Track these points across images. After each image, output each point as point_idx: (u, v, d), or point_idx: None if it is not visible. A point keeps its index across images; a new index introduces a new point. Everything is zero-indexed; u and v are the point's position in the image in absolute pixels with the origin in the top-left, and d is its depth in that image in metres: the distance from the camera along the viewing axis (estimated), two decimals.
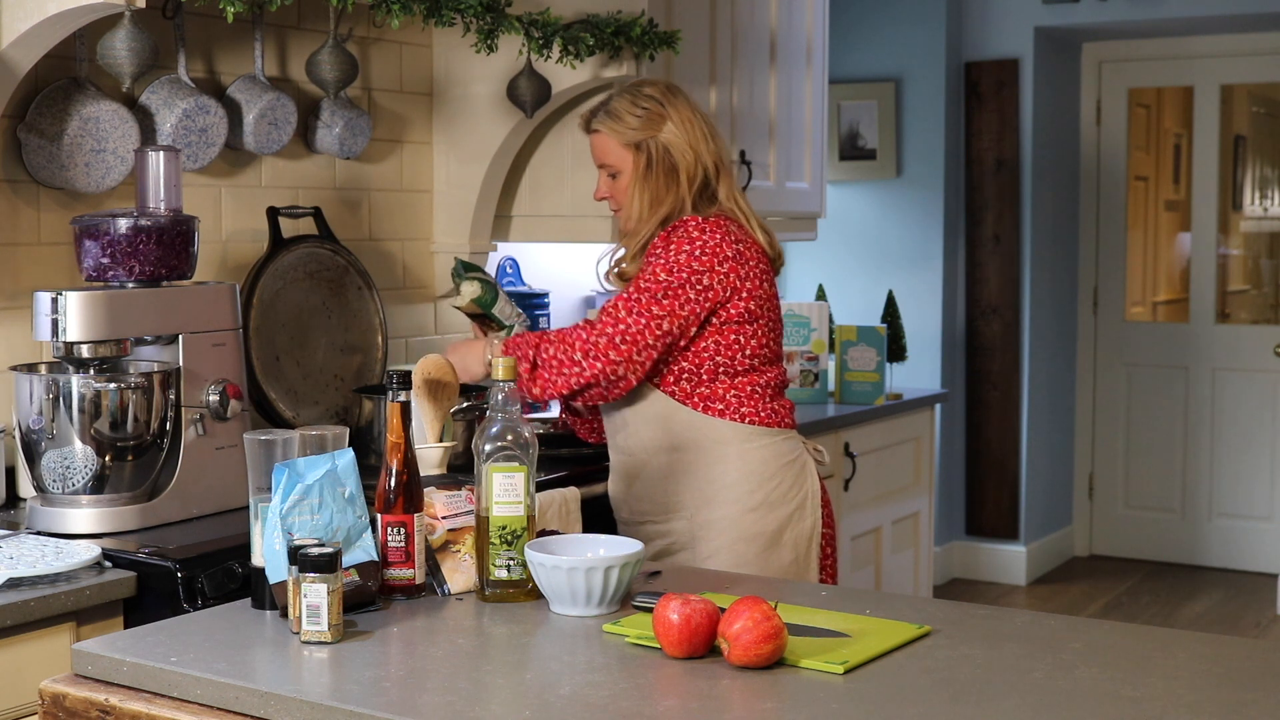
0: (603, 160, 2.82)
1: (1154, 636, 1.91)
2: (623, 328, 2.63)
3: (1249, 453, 6.46)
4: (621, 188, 2.80)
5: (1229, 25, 6.10)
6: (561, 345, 2.64)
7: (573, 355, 2.62)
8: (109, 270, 2.56)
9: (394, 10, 2.84)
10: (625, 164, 2.78)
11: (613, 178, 2.81)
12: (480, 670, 1.77)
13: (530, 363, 2.64)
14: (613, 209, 2.87)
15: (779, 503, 2.72)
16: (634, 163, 2.77)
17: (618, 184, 2.81)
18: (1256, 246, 6.91)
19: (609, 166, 2.81)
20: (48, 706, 1.80)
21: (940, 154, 6.07)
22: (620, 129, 2.77)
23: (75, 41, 2.73)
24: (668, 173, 2.75)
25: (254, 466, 2.03)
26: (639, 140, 2.76)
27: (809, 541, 2.74)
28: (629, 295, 2.66)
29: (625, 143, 2.77)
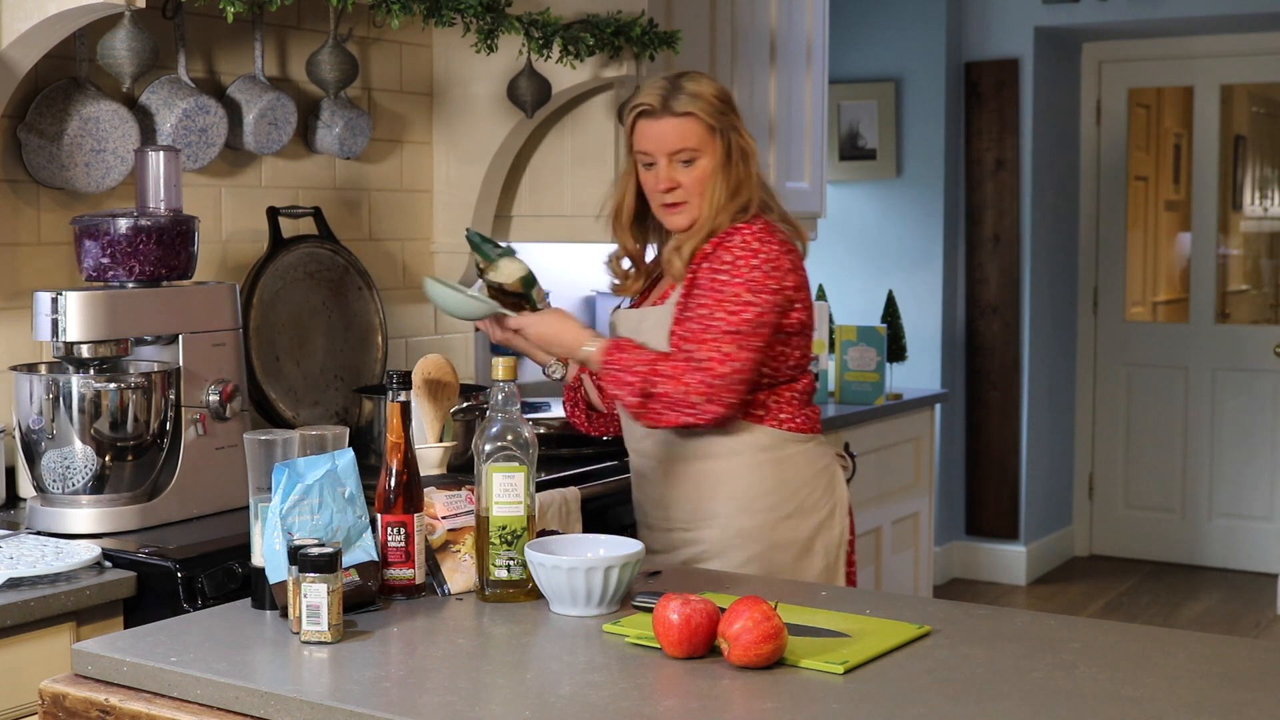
0: (682, 144, 2.58)
1: (1154, 636, 1.91)
2: (736, 366, 2.48)
3: (1249, 453, 6.46)
4: (698, 177, 2.58)
5: (1229, 25, 6.10)
6: (678, 385, 2.46)
7: (690, 398, 2.46)
8: (109, 270, 2.56)
9: (394, 10, 2.84)
10: (707, 149, 2.58)
11: (687, 165, 2.59)
12: (480, 670, 1.77)
13: (641, 394, 2.46)
14: (673, 201, 2.61)
15: (811, 510, 2.65)
16: (716, 149, 2.59)
17: (692, 172, 2.59)
18: (1256, 246, 6.91)
19: (689, 151, 2.58)
20: (48, 706, 1.80)
21: (940, 154, 6.07)
22: (709, 111, 2.58)
23: (75, 41, 2.73)
24: (745, 161, 2.61)
25: (254, 466, 2.03)
26: (722, 125, 2.60)
27: (838, 549, 2.67)
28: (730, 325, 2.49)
29: (709, 127, 2.58)
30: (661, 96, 2.58)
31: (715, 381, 2.46)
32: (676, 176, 2.59)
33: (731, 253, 2.55)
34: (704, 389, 2.46)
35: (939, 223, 6.07)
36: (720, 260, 2.55)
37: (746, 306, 2.50)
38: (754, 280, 2.52)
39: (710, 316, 2.50)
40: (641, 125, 2.61)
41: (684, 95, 2.58)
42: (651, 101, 2.59)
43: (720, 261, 2.54)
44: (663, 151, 2.59)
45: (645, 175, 2.63)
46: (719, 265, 2.54)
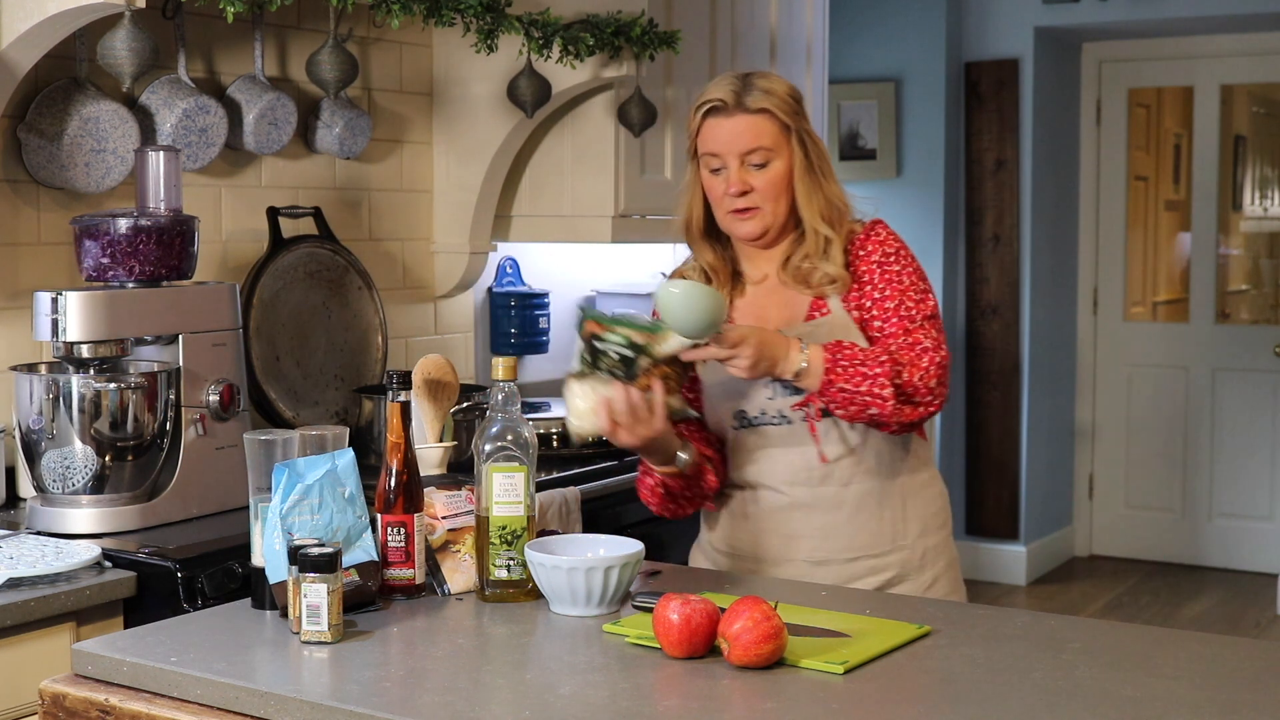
0: (756, 144, 2.36)
1: (1154, 636, 1.91)
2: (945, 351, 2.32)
3: (1249, 453, 6.46)
4: (772, 180, 2.36)
5: (1229, 25, 6.10)
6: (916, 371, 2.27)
7: (929, 384, 2.28)
8: (109, 270, 2.56)
9: (394, 10, 2.84)
10: (783, 150, 2.37)
11: (760, 167, 2.36)
12: (480, 670, 1.77)
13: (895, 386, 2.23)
14: (743, 206, 2.38)
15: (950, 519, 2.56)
16: (791, 151, 2.38)
17: (766, 175, 2.36)
18: (1256, 246, 6.91)
19: (762, 152, 2.36)
20: (48, 706, 1.80)
21: (940, 154, 6.07)
22: (784, 109, 2.38)
23: (75, 41, 2.73)
24: (823, 166, 2.42)
25: (254, 466, 2.03)
26: (797, 126, 2.40)
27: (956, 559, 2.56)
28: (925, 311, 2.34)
29: (785, 125, 2.38)
30: (734, 92, 2.38)
31: (944, 364, 2.31)
32: (749, 179, 2.36)
33: (886, 245, 2.41)
34: (938, 372, 2.29)
35: (939, 223, 6.07)
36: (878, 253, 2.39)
37: (926, 295, 2.38)
38: (919, 269, 2.41)
39: (901, 306, 2.35)
40: (710, 124, 2.38)
41: (757, 91, 2.37)
42: (723, 97, 2.38)
43: (880, 254, 2.39)
44: (734, 152, 2.36)
45: (711, 180, 2.39)
46: (882, 258, 2.39)
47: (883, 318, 2.35)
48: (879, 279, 2.38)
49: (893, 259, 2.39)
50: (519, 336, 3.77)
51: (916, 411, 2.28)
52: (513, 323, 3.78)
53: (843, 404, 2.26)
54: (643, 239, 3.71)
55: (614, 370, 2.17)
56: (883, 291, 2.37)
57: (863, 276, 2.39)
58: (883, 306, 2.36)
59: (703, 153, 2.40)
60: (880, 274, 2.38)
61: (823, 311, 2.38)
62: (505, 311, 3.78)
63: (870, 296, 2.37)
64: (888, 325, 2.34)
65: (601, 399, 2.19)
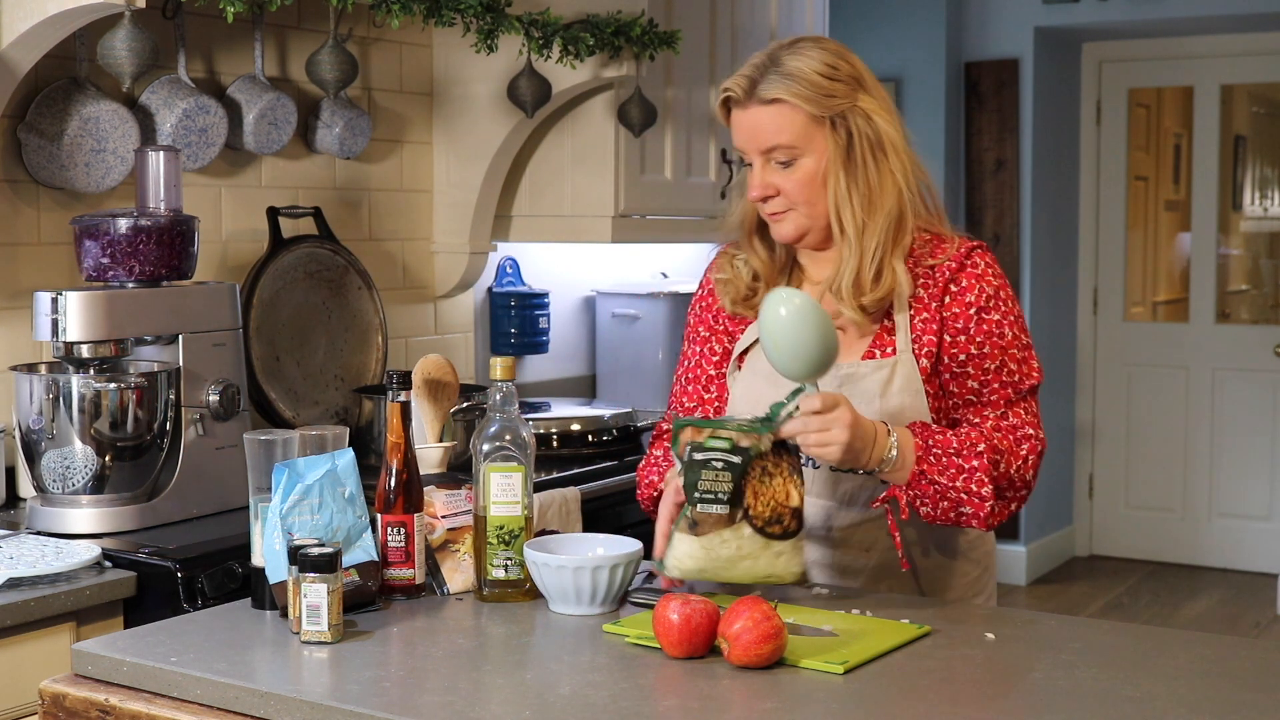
0: (774, 141, 2.02)
1: (1154, 636, 1.91)
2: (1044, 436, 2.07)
3: (1249, 453, 6.46)
4: (800, 181, 2.03)
5: (1229, 25, 6.10)
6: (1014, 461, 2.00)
7: (1026, 478, 2.02)
8: (109, 270, 2.56)
9: (394, 10, 2.84)
10: (813, 145, 2.02)
11: (786, 166, 2.04)
12: (480, 670, 1.77)
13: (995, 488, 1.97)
14: (772, 212, 2.08)
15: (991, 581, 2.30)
16: (828, 143, 2.02)
17: (793, 175, 2.03)
18: (1256, 246, 6.91)
19: (785, 149, 2.02)
20: (48, 706, 1.80)
21: (940, 154, 6.07)
22: (811, 94, 2.00)
23: (75, 41, 2.73)
24: (876, 157, 2.03)
25: (254, 466, 2.03)
26: (836, 112, 2.02)
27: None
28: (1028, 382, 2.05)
29: (815, 115, 2.01)
30: (749, 79, 2.03)
31: (1043, 453, 2.03)
32: (773, 180, 2.05)
33: (985, 282, 2.06)
34: (1036, 463, 2.01)
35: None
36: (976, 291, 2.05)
37: (1030, 355, 2.06)
38: (1020, 318, 2.07)
39: (1004, 370, 2.04)
40: (732, 117, 2.08)
41: (775, 76, 2.01)
42: (735, 87, 2.05)
43: (979, 294, 2.05)
44: (755, 150, 2.05)
45: (747, 175, 2.09)
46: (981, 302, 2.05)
47: (980, 379, 2.03)
48: (975, 329, 2.04)
49: (992, 305, 2.04)
50: (519, 336, 3.77)
51: (1006, 511, 2.00)
52: (513, 323, 3.78)
53: (932, 500, 1.97)
54: (643, 239, 3.71)
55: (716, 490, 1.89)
56: (980, 347, 2.03)
57: (953, 321, 2.04)
58: (981, 366, 2.03)
59: (734, 146, 2.11)
60: (977, 323, 2.04)
61: (885, 350, 2.06)
62: (505, 311, 3.78)
63: (965, 349, 2.04)
64: (986, 392, 2.03)
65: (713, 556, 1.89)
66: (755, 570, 1.90)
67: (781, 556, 1.90)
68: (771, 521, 1.89)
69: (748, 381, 2.15)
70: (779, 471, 1.90)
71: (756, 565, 1.90)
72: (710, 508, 1.89)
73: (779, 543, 1.89)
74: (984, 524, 1.99)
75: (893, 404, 2.04)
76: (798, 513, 1.90)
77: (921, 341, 2.05)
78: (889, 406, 2.03)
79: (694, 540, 1.90)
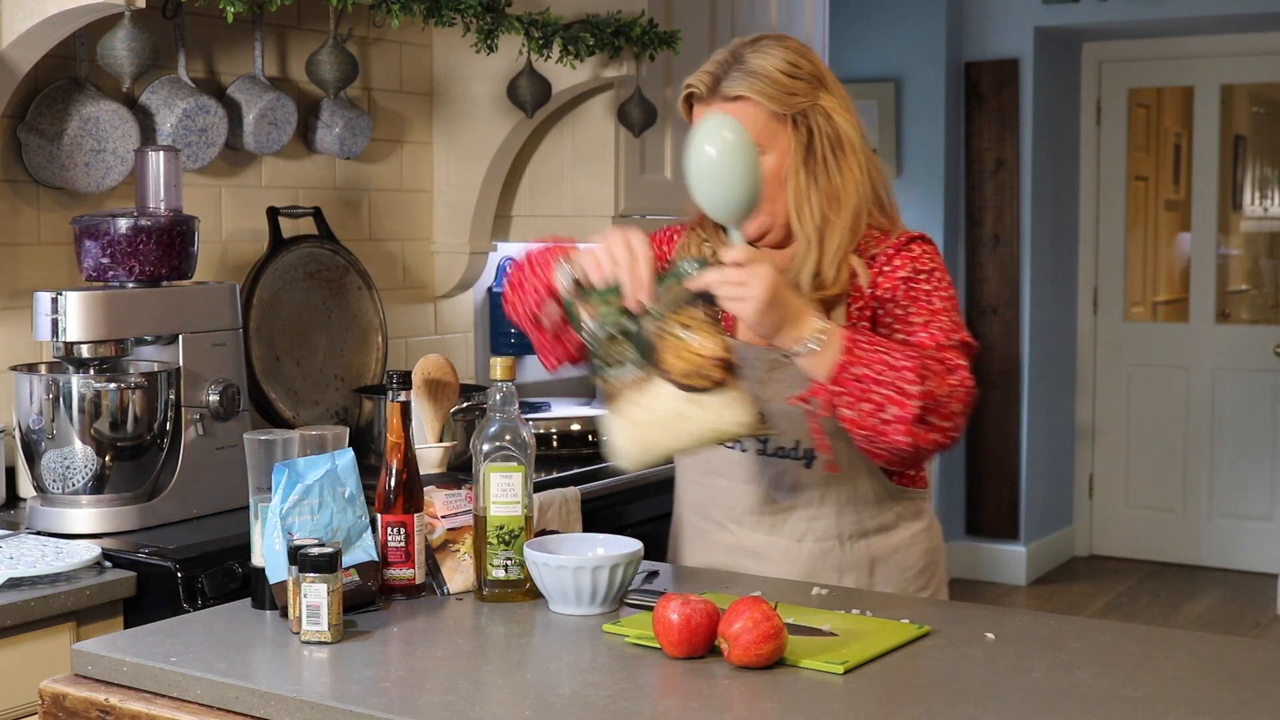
0: None
1: (1154, 636, 1.91)
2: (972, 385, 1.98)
3: (1249, 453, 6.46)
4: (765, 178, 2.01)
5: (1229, 25, 6.10)
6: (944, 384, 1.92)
7: (953, 407, 1.92)
8: (109, 270, 2.56)
9: (394, 10, 2.84)
10: (775, 143, 2.03)
11: None
12: (480, 670, 1.77)
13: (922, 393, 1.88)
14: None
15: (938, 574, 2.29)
16: (790, 142, 2.03)
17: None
18: (1256, 246, 6.91)
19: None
20: (48, 706, 1.80)
21: (940, 154, 6.07)
22: (773, 92, 2.01)
23: (75, 41, 2.73)
24: (837, 156, 2.05)
25: (254, 466, 2.03)
26: (798, 110, 2.04)
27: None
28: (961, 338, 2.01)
29: (777, 113, 2.02)
30: (713, 76, 2.04)
31: (973, 392, 1.95)
32: None
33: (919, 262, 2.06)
34: (965, 397, 1.94)
35: (939, 223, 6.07)
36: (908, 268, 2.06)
37: (960, 326, 2.03)
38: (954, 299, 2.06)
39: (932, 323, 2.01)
40: (695, 112, 2.08)
41: (738, 73, 2.02)
42: (698, 83, 2.05)
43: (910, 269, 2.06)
44: None
45: None
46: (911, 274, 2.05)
47: (907, 330, 2.02)
48: (903, 296, 2.05)
49: (922, 278, 2.05)
50: (519, 336, 3.77)
51: (929, 436, 1.91)
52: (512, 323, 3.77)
53: (856, 399, 1.89)
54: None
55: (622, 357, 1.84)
56: (906, 309, 2.03)
57: (884, 296, 2.06)
58: (908, 324, 2.02)
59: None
60: (905, 292, 2.05)
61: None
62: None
63: (892, 313, 2.04)
64: (914, 337, 2.01)
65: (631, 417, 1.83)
66: (697, 430, 1.83)
67: (715, 409, 1.82)
68: (692, 374, 1.82)
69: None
70: (694, 323, 1.84)
71: (694, 424, 1.83)
72: (621, 373, 1.85)
73: (709, 396, 1.82)
74: (908, 435, 1.89)
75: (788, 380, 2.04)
76: (723, 363, 1.82)
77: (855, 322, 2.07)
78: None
79: (618, 415, 1.84)
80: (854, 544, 2.17)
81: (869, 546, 2.18)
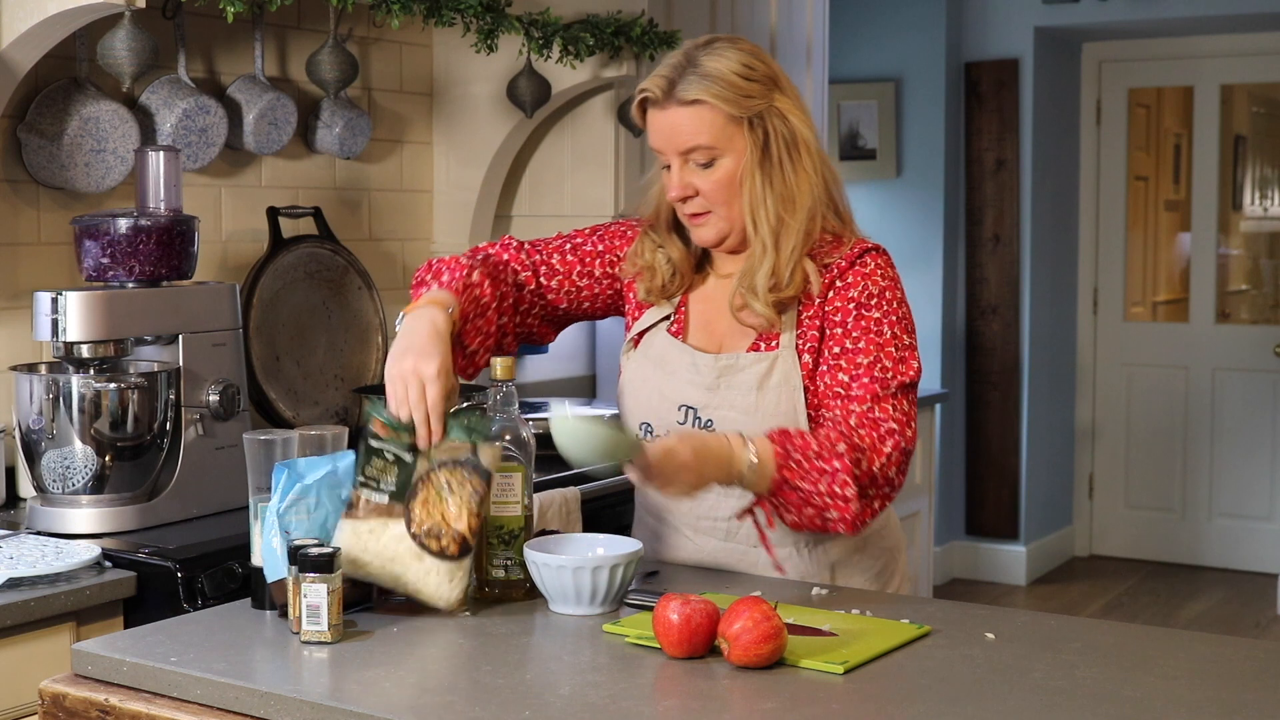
0: (694, 142, 2.03)
1: (1154, 636, 1.91)
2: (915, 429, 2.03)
3: (1249, 453, 6.46)
4: (720, 181, 2.04)
5: (1229, 25, 6.10)
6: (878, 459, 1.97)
7: (889, 474, 1.98)
8: (109, 270, 2.56)
9: (394, 10, 2.84)
10: (732, 145, 2.03)
11: (705, 167, 2.05)
12: (480, 670, 1.77)
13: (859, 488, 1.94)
14: (693, 213, 2.10)
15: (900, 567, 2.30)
16: (746, 144, 2.04)
17: (713, 175, 2.05)
18: (1256, 246, 6.91)
19: (704, 150, 2.03)
20: (48, 706, 1.80)
21: (940, 154, 6.07)
22: (730, 95, 2.01)
23: (75, 41, 2.73)
24: (793, 157, 2.05)
25: (254, 466, 2.03)
26: (754, 112, 2.04)
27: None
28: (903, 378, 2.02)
29: (733, 115, 2.02)
30: (668, 80, 2.04)
31: (909, 451, 1.99)
32: (692, 181, 2.06)
33: (871, 281, 2.05)
34: (899, 459, 1.98)
35: (939, 223, 6.07)
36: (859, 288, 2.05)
37: (908, 356, 2.04)
38: (905, 318, 2.06)
39: (876, 365, 2.01)
40: (649, 117, 2.09)
41: (693, 77, 2.02)
42: (653, 88, 2.05)
43: (861, 291, 2.05)
44: (673, 150, 2.06)
45: (664, 176, 2.11)
46: (862, 298, 2.04)
47: (852, 373, 2.02)
48: (853, 324, 2.04)
49: (874, 303, 2.04)
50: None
51: (871, 509, 1.97)
52: None
53: (796, 507, 1.96)
54: None
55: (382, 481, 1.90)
56: (856, 342, 2.03)
57: (833, 315, 2.06)
58: (854, 361, 2.02)
59: (650, 147, 2.11)
60: (856, 318, 2.04)
61: (771, 344, 2.09)
62: None
63: (840, 342, 2.04)
64: (855, 386, 2.01)
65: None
66: (403, 580, 1.89)
67: (432, 575, 1.89)
68: (430, 534, 1.88)
69: (639, 365, 2.19)
70: (460, 490, 1.90)
71: (404, 574, 1.89)
72: (369, 494, 1.90)
73: (432, 559, 1.88)
74: (850, 527, 1.97)
75: (769, 398, 2.06)
76: (461, 539, 1.88)
77: (806, 337, 2.07)
78: (765, 400, 2.06)
79: (346, 521, 1.89)
80: (813, 550, 2.16)
81: (826, 552, 2.17)
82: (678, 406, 2.13)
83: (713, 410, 2.10)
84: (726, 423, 2.08)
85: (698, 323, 2.18)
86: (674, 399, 2.14)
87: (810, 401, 2.06)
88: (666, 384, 2.15)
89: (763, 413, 2.06)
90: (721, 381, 2.10)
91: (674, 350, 2.16)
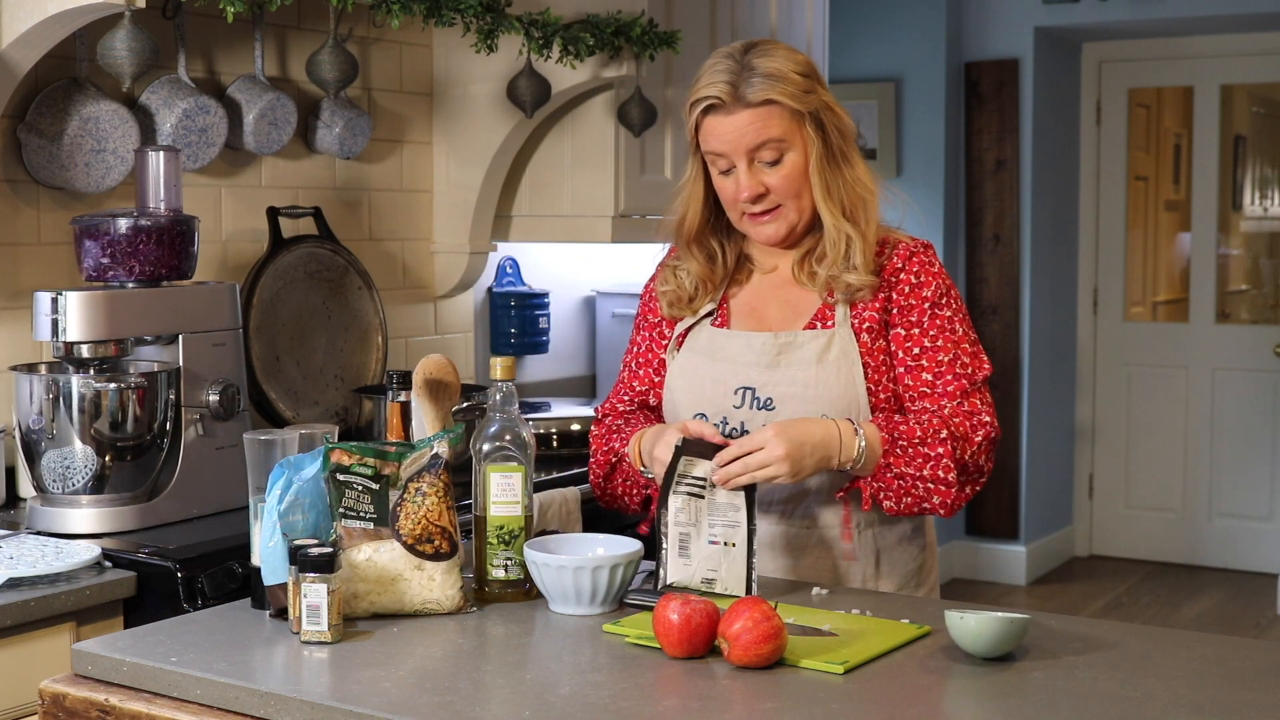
0: (764, 136, 2.07)
1: (1154, 636, 1.91)
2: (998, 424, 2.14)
3: (1249, 453, 6.46)
4: (789, 175, 2.10)
5: (1229, 25, 6.10)
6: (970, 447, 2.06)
7: (979, 462, 2.09)
8: (109, 270, 2.56)
9: (394, 10, 2.84)
10: (797, 140, 2.09)
11: (773, 165, 2.10)
12: (480, 670, 1.77)
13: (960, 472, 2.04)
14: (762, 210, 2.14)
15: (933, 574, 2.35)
16: (809, 137, 2.10)
17: (782, 171, 2.10)
18: (1256, 246, 6.91)
19: (773, 145, 2.08)
20: (48, 706, 1.80)
21: (940, 154, 6.07)
22: (795, 92, 2.06)
23: (75, 41, 2.73)
24: (849, 147, 2.14)
25: (254, 466, 2.03)
26: (812, 107, 2.09)
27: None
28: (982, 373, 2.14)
29: (797, 111, 2.08)
30: (730, 85, 2.06)
31: (996, 439, 2.09)
32: (763, 179, 2.10)
33: (941, 280, 2.15)
34: (989, 448, 2.08)
35: (939, 223, 6.07)
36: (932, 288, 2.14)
37: (981, 352, 2.15)
38: (969, 318, 2.16)
39: (957, 362, 2.12)
40: (709, 123, 2.10)
41: (758, 78, 2.05)
42: (718, 94, 2.07)
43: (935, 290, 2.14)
44: (741, 151, 2.08)
45: (721, 182, 2.14)
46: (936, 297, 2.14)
47: (935, 372, 2.11)
48: (928, 323, 2.13)
49: (944, 301, 2.13)
50: (519, 336, 3.78)
51: (967, 493, 2.07)
52: (512, 323, 3.78)
53: (896, 494, 2.05)
54: (643, 239, 3.71)
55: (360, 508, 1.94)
56: (934, 341, 2.12)
57: (906, 307, 2.14)
58: (935, 359, 2.11)
59: (707, 152, 2.13)
60: (930, 317, 2.13)
61: (826, 323, 2.15)
62: (505, 311, 3.78)
63: (919, 342, 2.12)
64: (941, 383, 2.11)
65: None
66: (407, 597, 1.94)
67: (435, 580, 1.94)
68: (422, 539, 1.94)
69: (686, 358, 2.22)
70: (432, 490, 1.96)
71: (408, 591, 1.94)
72: (353, 523, 1.95)
73: (431, 564, 1.94)
74: (949, 511, 2.06)
75: (829, 371, 2.11)
76: (449, 535, 1.95)
77: (863, 317, 2.14)
78: (825, 374, 2.11)
79: (344, 556, 1.92)
80: (861, 533, 2.19)
81: (875, 537, 2.20)
82: (734, 390, 2.15)
83: (772, 388, 2.13)
84: (787, 399, 2.12)
85: (742, 313, 2.23)
86: (729, 383, 2.16)
87: (869, 378, 2.12)
88: (719, 370, 2.18)
89: (823, 385, 2.11)
90: (781, 359, 2.14)
91: (723, 337, 2.20)
